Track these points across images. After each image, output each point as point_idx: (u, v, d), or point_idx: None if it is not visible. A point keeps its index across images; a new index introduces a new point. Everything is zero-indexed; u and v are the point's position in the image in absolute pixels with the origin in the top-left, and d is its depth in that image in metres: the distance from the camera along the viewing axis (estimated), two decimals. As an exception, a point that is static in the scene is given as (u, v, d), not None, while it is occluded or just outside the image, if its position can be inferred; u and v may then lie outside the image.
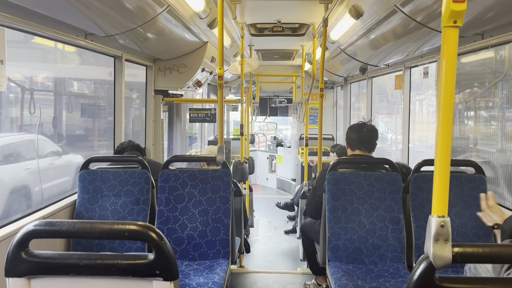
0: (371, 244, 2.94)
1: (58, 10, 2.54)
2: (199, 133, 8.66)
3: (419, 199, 3.01)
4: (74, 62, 4.12)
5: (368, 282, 2.64)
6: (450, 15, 0.95)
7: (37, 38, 3.07)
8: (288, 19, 4.84)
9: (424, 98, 5.65)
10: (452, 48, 0.98)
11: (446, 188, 1.00)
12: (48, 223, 1.20)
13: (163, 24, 3.33)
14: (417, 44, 3.49)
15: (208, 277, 2.60)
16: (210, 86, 8.85)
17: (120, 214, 3.00)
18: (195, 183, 3.00)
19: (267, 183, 10.85)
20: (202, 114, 5.46)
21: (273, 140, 11.19)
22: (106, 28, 3.02)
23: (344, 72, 6.65)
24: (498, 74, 3.36)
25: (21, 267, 1.20)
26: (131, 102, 5.09)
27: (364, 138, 3.17)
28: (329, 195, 3.00)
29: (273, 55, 7.62)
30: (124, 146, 3.53)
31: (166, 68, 4.67)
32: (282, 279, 4.28)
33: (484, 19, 2.60)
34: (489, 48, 3.09)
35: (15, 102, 3.35)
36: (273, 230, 6.67)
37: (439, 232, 0.97)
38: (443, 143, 0.99)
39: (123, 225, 1.19)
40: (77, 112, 4.29)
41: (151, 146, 4.69)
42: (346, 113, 7.83)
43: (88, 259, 1.19)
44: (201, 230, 2.95)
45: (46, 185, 3.53)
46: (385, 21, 3.18)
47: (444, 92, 0.98)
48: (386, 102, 6.81)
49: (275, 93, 10.96)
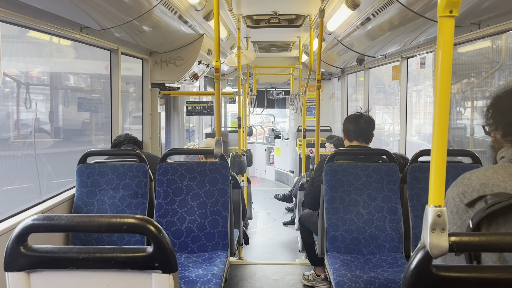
0: (369, 235, 2.96)
1: (53, 3, 2.52)
2: (196, 126, 8.65)
3: (417, 189, 3.02)
4: (69, 56, 4.10)
5: (366, 272, 2.66)
6: (446, 4, 0.95)
7: (32, 32, 3.06)
8: (284, 11, 4.82)
9: (421, 88, 5.65)
10: (448, 38, 0.98)
11: (443, 178, 1.00)
12: (46, 217, 1.20)
13: (159, 17, 3.31)
14: (414, 35, 3.48)
15: (207, 269, 2.62)
16: (207, 79, 8.82)
17: (118, 207, 3.01)
18: (193, 176, 3.01)
19: (265, 175, 10.87)
20: (199, 107, 5.45)
21: (271, 132, 11.18)
22: (102, 21, 3.00)
23: (341, 63, 6.64)
24: (494, 64, 3.37)
25: (20, 261, 1.20)
26: (127, 96, 5.08)
27: (362, 129, 3.18)
28: (327, 186, 3.01)
29: (270, 47, 7.60)
30: (121, 139, 3.52)
31: (162, 61, 4.65)
32: (281, 270, 4.31)
33: (480, 8, 2.60)
34: (486, 37, 3.08)
35: (10, 97, 3.34)
36: (271, 221, 6.69)
37: (435, 222, 0.98)
38: (439, 133, 1.00)
39: (122, 219, 1.19)
40: (73, 106, 4.27)
41: (149, 139, 4.68)
42: (344, 104, 7.83)
43: (87, 253, 1.19)
44: (200, 223, 2.96)
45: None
46: (382, 11, 3.17)
47: (440, 82, 0.99)
48: (384, 93, 6.81)
49: (272, 85, 10.94)
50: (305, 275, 4.01)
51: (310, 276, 3.96)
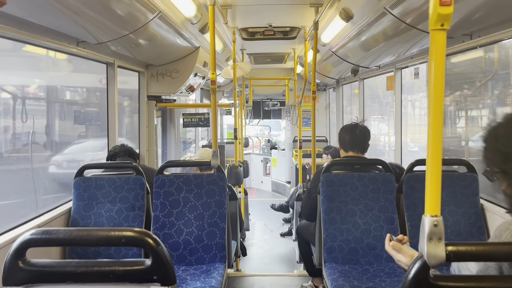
0: (366, 245, 2.96)
1: (50, 18, 2.54)
2: (193, 138, 8.66)
3: (413, 199, 3.04)
4: (65, 70, 4.11)
5: (364, 282, 2.65)
6: (437, 18, 0.97)
7: (28, 46, 3.07)
8: (279, 23, 4.87)
9: (416, 99, 5.70)
10: (440, 50, 1.00)
11: (438, 188, 1.01)
12: (45, 232, 1.20)
13: (155, 30, 3.34)
14: (407, 45, 3.53)
15: (205, 282, 2.61)
16: (202, 91, 8.85)
17: (115, 220, 3.00)
18: (190, 187, 3.01)
19: (262, 186, 10.86)
20: (195, 119, 5.47)
21: (267, 143, 11.21)
22: (98, 35, 3.02)
23: (336, 74, 6.69)
24: (487, 73, 3.41)
25: (18, 276, 1.20)
26: (124, 109, 5.09)
27: (357, 139, 3.20)
28: (324, 196, 3.02)
29: (265, 59, 7.65)
30: (116, 151, 3.51)
31: (158, 73, 4.68)
32: (279, 282, 4.29)
33: (472, 19, 2.64)
34: (478, 48, 3.13)
35: (5, 112, 3.34)
36: (269, 233, 6.67)
37: (432, 231, 0.99)
38: (434, 143, 1.01)
39: (120, 232, 1.19)
40: (70, 120, 4.27)
41: (145, 151, 4.68)
42: (339, 114, 7.87)
43: (86, 267, 1.19)
44: (197, 235, 2.96)
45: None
46: (375, 23, 3.21)
47: (434, 93, 1.00)
48: (378, 103, 6.85)
49: (268, 96, 10.99)
50: (303, 286, 4.00)
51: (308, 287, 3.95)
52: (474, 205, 3.01)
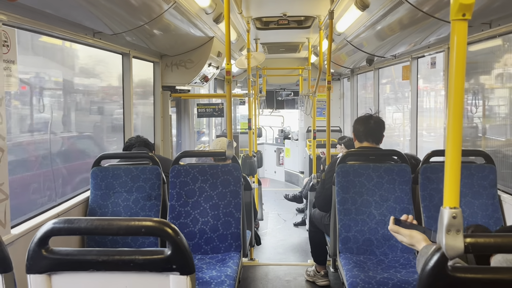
0: (381, 235, 2.96)
1: (66, 9, 2.56)
2: (207, 128, 8.69)
3: (429, 190, 3.02)
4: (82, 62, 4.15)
5: (379, 273, 2.66)
6: (459, 8, 0.96)
7: (45, 37, 3.11)
8: (293, 12, 4.84)
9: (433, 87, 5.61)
10: (461, 41, 0.99)
11: (458, 180, 1.01)
12: (67, 221, 1.23)
13: (170, 21, 3.34)
14: (424, 35, 3.47)
15: (221, 270, 2.64)
16: (216, 81, 8.86)
17: (132, 210, 3.04)
18: (206, 178, 3.03)
19: (275, 176, 10.87)
20: (209, 109, 5.48)
21: (280, 133, 11.19)
22: (114, 26, 3.04)
23: (351, 64, 6.63)
24: (506, 63, 3.34)
25: (41, 263, 1.23)
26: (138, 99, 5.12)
27: (372, 130, 3.18)
28: (339, 187, 3.02)
29: (279, 48, 7.61)
30: (132, 142, 3.54)
31: (173, 64, 4.69)
32: (293, 271, 4.32)
33: (491, 8, 2.59)
34: (497, 37, 3.07)
35: (26, 103, 3.39)
36: (282, 223, 6.70)
37: (451, 223, 0.99)
38: (453, 134, 1.00)
39: (140, 222, 1.22)
40: (86, 111, 4.33)
41: (160, 142, 4.72)
42: (353, 104, 7.81)
43: (107, 255, 1.22)
44: (213, 224, 2.99)
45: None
46: (392, 12, 3.17)
47: (455, 84, 0.99)
48: (395, 92, 6.76)
49: (282, 86, 10.95)
50: (307, 271, 4.08)
51: (311, 272, 4.02)
52: (491, 196, 2.98)
